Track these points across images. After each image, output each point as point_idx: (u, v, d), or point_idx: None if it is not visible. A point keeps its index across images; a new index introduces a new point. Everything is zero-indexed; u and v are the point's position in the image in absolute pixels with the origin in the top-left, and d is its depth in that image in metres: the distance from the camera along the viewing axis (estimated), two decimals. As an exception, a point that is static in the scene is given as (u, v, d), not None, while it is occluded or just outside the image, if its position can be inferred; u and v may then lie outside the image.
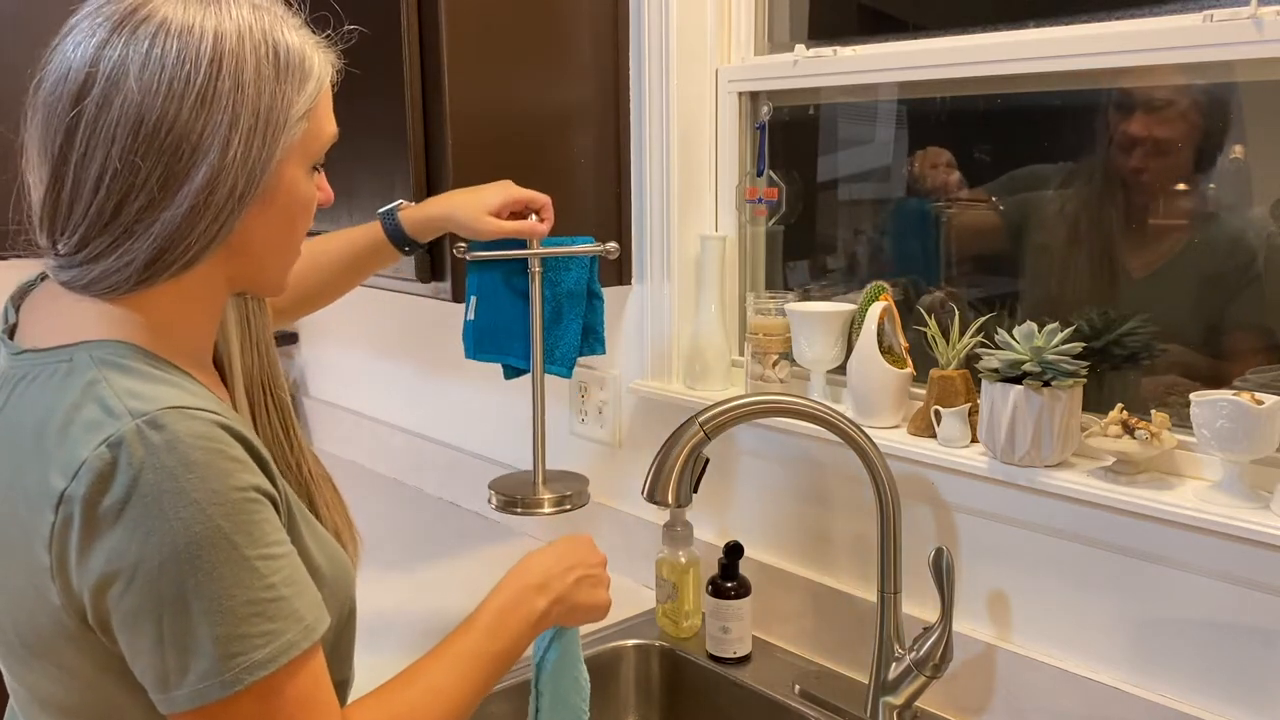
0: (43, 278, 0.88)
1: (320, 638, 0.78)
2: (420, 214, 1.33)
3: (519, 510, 1.41)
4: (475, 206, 1.31)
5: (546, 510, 1.40)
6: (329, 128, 0.86)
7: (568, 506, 1.40)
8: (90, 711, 0.80)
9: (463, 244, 1.40)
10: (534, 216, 1.36)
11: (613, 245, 1.45)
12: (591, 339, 1.48)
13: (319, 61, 0.82)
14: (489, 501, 1.45)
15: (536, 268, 1.40)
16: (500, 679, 0.94)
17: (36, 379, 0.77)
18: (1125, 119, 1.24)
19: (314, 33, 0.84)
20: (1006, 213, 1.37)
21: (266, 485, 0.77)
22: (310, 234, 1.71)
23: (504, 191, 1.33)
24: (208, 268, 0.80)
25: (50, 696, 0.81)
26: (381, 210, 1.33)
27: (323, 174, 0.89)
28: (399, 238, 1.33)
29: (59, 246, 0.78)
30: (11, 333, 0.86)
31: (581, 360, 1.77)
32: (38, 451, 0.74)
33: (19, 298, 0.88)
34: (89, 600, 0.73)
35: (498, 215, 1.32)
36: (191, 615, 0.71)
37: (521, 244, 1.39)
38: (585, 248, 1.43)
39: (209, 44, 0.75)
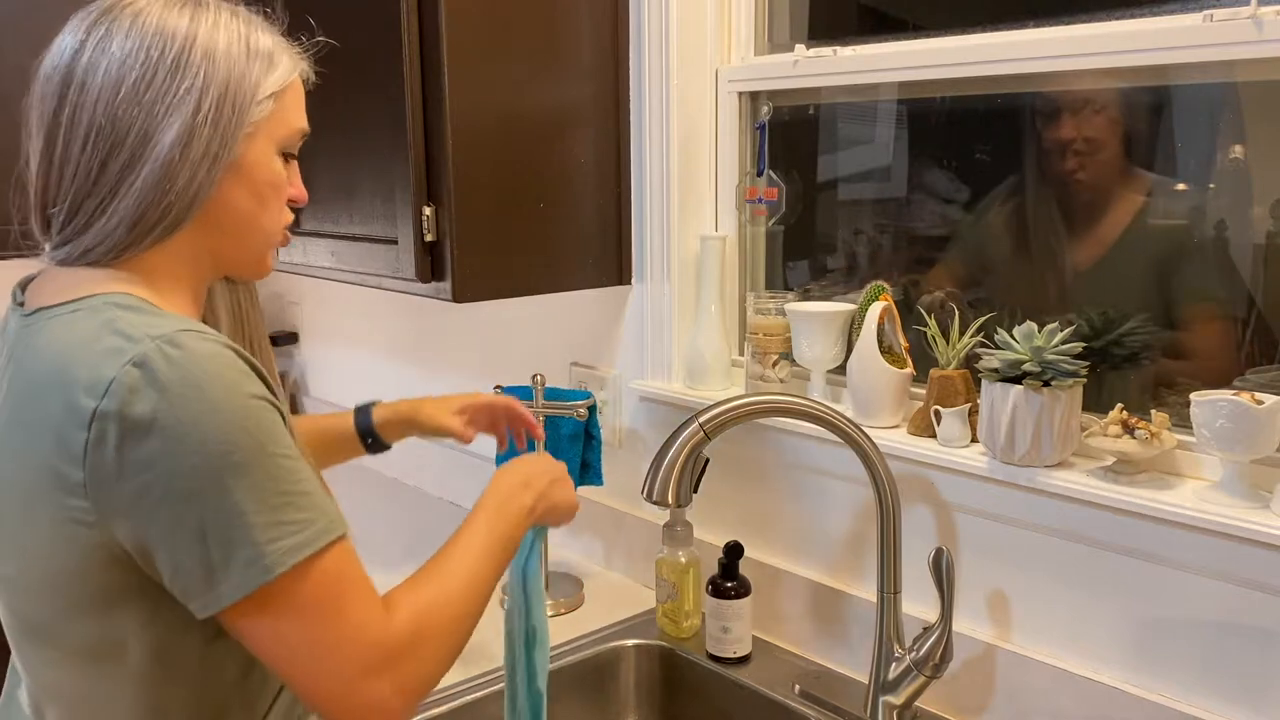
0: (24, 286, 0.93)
1: (345, 533, 0.83)
2: (388, 411, 1.39)
3: None
4: (440, 404, 1.39)
5: (549, 614, 1.60)
6: (298, 121, 0.93)
7: (563, 610, 1.62)
8: (101, 653, 0.83)
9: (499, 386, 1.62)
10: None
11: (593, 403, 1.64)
12: (589, 473, 1.64)
13: (289, 58, 0.91)
14: (501, 605, 1.60)
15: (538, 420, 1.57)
16: (502, 571, 1.00)
17: (48, 327, 0.83)
18: (1092, 119, 1.26)
19: (290, 41, 0.93)
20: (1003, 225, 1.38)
21: (274, 400, 0.83)
22: (315, 234, 1.72)
23: (471, 396, 1.42)
24: (190, 237, 0.87)
25: (71, 642, 0.83)
26: (358, 405, 1.40)
27: (296, 171, 0.96)
28: (366, 430, 1.38)
29: (53, 224, 0.86)
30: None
31: (582, 361, 1.78)
32: (57, 384, 0.79)
33: (25, 284, 0.94)
34: (128, 512, 0.77)
35: (461, 414, 1.39)
36: (228, 510, 0.77)
37: (530, 396, 1.60)
38: (581, 404, 1.60)
39: (185, 24, 0.85)
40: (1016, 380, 1.18)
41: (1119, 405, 1.16)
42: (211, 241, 0.89)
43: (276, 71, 0.89)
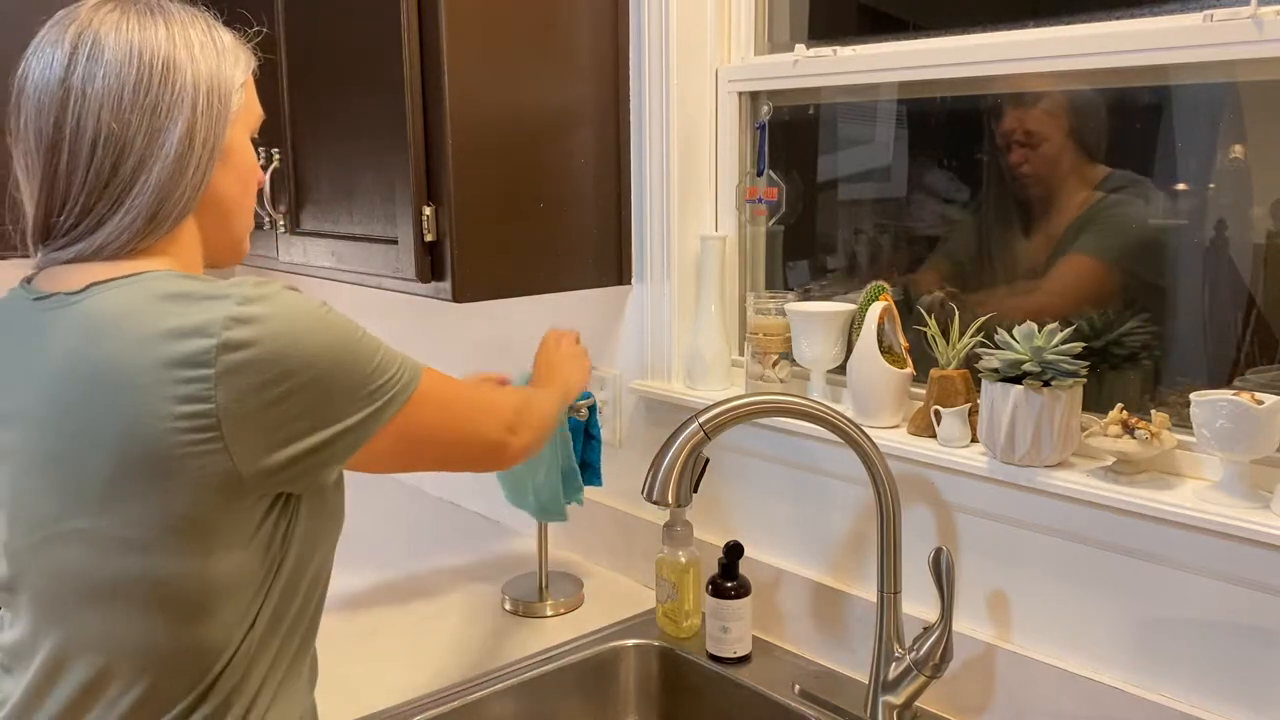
0: (28, 280, 0.97)
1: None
2: None
3: (522, 614, 1.65)
4: None
5: (549, 614, 1.64)
6: (258, 107, 1.02)
7: (563, 610, 1.64)
8: (186, 601, 0.90)
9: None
10: None
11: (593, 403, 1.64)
12: (589, 473, 1.63)
13: (244, 51, 1.00)
14: (503, 605, 1.67)
15: None
16: (560, 408, 1.32)
17: (110, 297, 0.89)
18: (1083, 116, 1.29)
19: (236, 33, 1.02)
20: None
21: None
22: (315, 234, 1.72)
23: None
24: (190, 225, 0.96)
25: (156, 592, 0.89)
26: None
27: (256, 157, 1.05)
28: None
29: (55, 228, 0.91)
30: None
31: (581, 360, 1.78)
32: (151, 334, 0.85)
33: (29, 280, 0.97)
34: (271, 426, 0.87)
35: None
36: (357, 387, 0.92)
37: None
38: (581, 404, 1.59)
39: (163, 29, 0.93)
40: (1016, 380, 1.18)
41: (1119, 405, 1.16)
42: (206, 228, 0.98)
43: (241, 63, 0.98)
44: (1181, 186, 1.21)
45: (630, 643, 1.52)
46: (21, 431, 0.90)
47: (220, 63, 0.95)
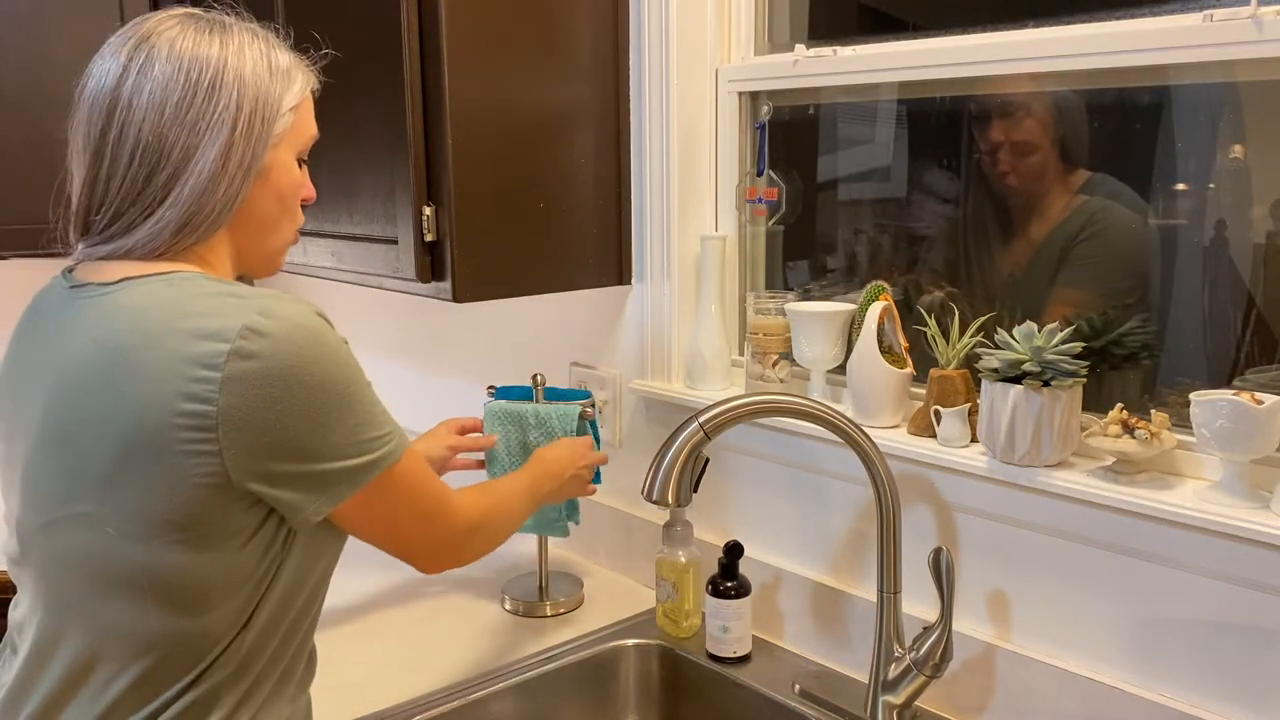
0: (70, 270, 1.02)
1: None
2: None
3: (522, 614, 1.64)
4: (435, 443, 1.54)
5: (549, 614, 1.64)
6: (311, 128, 1.05)
7: (563, 610, 1.64)
8: (184, 596, 0.91)
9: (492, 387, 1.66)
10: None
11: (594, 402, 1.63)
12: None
13: (302, 73, 1.03)
14: (503, 605, 1.67)
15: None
16: (532, 510, 1.33)
17: (140, 290, 0.92)
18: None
19: (299, 55, 1.04)
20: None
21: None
22: (315, 234, 1.72)
23: (450, 425, 1.59)
24: (223, 236, 0.98)
25: (154, 586, 0.91)
26: None
27: (306, 173, 1.06)
28: None
29: (94, 226, 0.95)
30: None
31: (582, 361, 1.78)
32: (172, 331, 0.88)
33: (69, 271, 1.01)
34: (261, 440, 0.88)
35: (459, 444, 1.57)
36: (350, 429, 0.93)
37: (529, 396, 1.61)
38: (582, 403, 1.58)
39: (216, 47, 0.96)
40: (1016, 380, 1.18)
41: (1119, 405, 1.16)
42: (239, 240, 1.01)
43: (294, 86, 1.00)
44: (1181, 187, 1.21)
45: (630, 643, 1.52)
46: (41, 412, 0.93)
47: (271, 84, 0.97)
